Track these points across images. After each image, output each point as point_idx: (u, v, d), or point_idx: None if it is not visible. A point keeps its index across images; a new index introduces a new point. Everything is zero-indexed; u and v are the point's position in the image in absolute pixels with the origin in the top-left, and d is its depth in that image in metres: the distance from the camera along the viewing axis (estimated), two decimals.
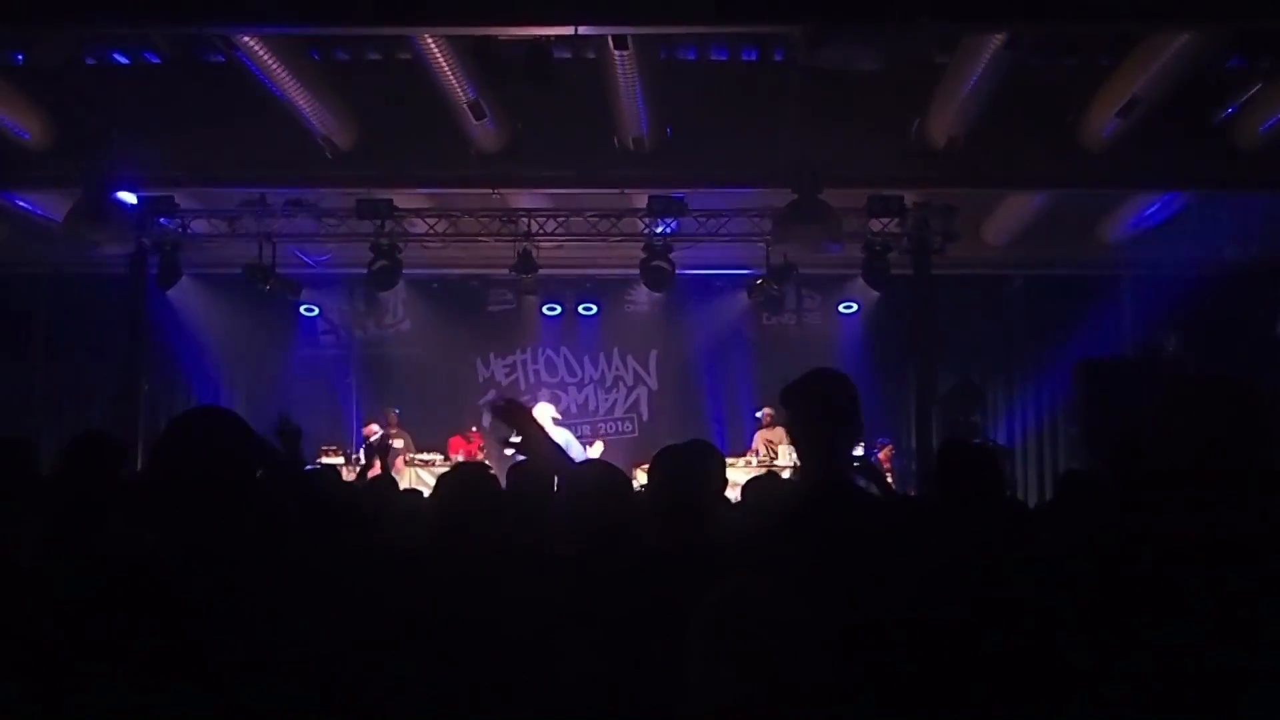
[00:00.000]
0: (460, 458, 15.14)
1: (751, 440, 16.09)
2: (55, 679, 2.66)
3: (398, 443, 15.28)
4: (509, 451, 4.24)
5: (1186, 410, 2.48)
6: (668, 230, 14.57)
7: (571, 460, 4.81)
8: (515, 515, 3.58)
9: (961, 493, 4.18)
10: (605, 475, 3.92)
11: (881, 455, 15.88)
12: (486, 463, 6.17)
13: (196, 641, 2.63)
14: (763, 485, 5.69)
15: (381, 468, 9.42)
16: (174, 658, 2.61)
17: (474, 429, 16.58)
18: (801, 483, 3.69)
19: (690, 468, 3.99)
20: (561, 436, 13.64)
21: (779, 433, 15.63)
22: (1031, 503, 13.18)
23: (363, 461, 14.98)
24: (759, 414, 16.12)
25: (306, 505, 4.82)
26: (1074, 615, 2.42)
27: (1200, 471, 2.39)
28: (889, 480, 15.00)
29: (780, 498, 4.91)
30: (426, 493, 7.56)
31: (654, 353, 18.38)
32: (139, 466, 12.45)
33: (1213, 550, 2.32)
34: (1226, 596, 2.24)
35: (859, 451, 13.58)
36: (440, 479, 3.77)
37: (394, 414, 16.47)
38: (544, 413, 14.00)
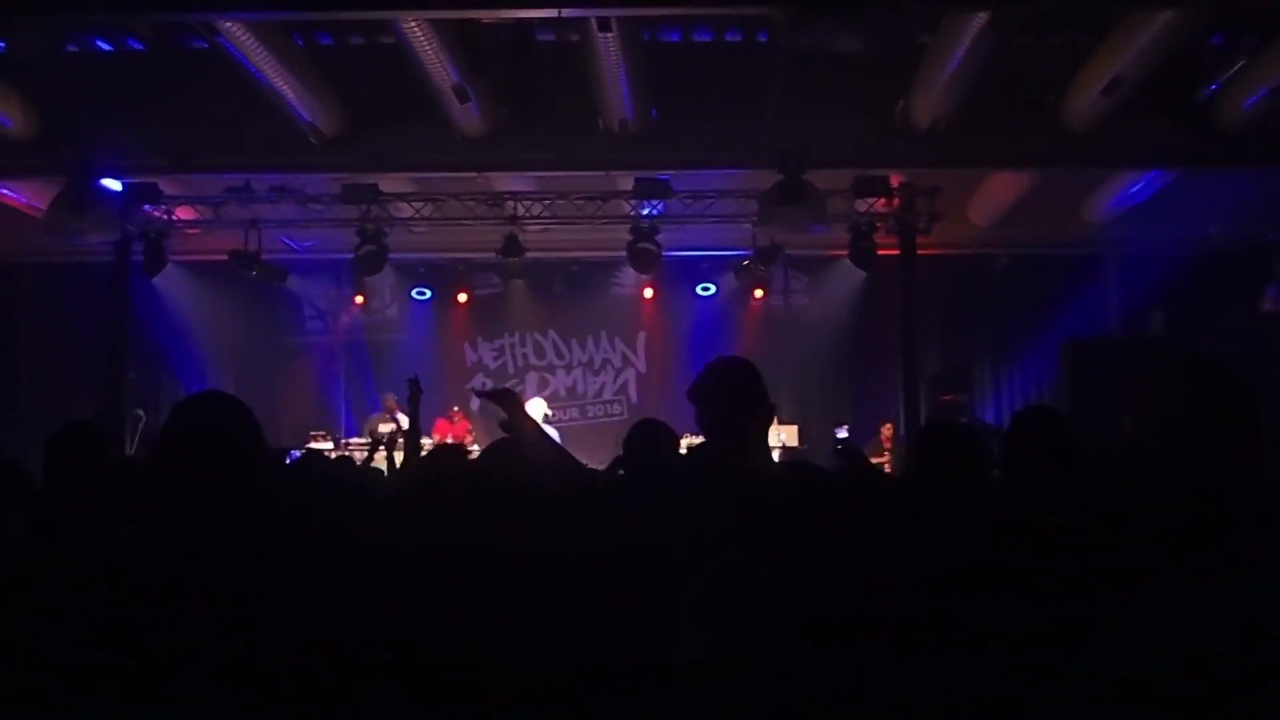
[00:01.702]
0: (449, 440, 15.12)
1: None
2: (50, 676, 2.66)
3: (388, 426, 15.27)
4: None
5: (1167, 392, 2.47)
6: (654, 212, 14.57)
7: (558, 446, 4.84)
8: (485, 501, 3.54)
9: (940, 472, 4.19)
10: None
11: (884, 434, 15.93)
12: (467, 446, 6.14)
13: (187, 636, 2.64)
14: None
15: (389, 459, 9.44)
16: (165, 652, 2.62)
17: (456, 409, 16.58)
18: (722, 474, 3.69)
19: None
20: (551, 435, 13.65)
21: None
22: None
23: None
24: None
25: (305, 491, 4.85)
26: (1047, 598, 2.43)
27: (1179, 453, 2.39)
28: (887, 459, 15.11)
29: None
30: None
31: (641, 335, 18.42)
32: (127, 454, 12.47)
33: (1188, 534, 2.32)
34: (1201, 580, 2.24)
35: (843, 434, 13.60)
36: (418, 461, 3.76)
37: (393, 399, 16.46)
38: (536, 409, 14.05)
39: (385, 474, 9.00)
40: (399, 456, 10.28)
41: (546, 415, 14.30)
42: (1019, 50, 11.86)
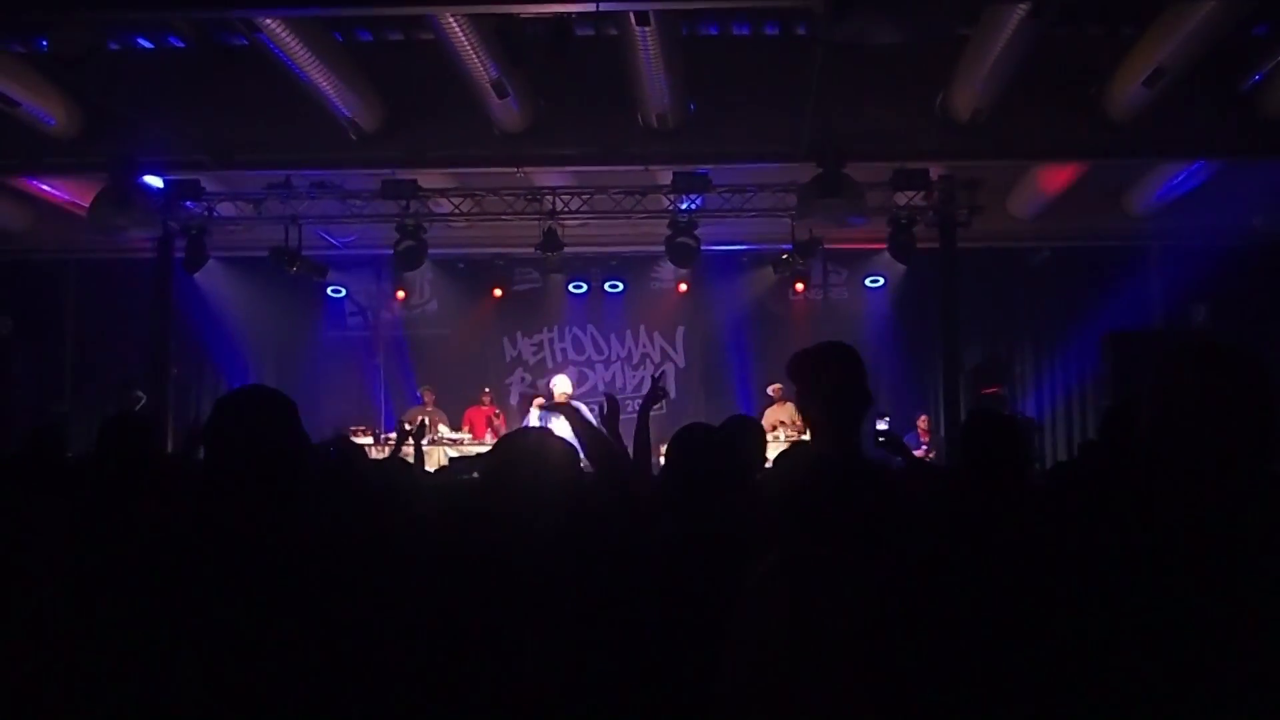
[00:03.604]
0: (489, 436, 15.19)
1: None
2: (84, 659, 2.68)
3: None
4: (534, 418, 4.22)
5: (1183, 379, 2.44)
6: (692, 206, 14.55)
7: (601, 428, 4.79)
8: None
9: (986, 463, 4.17)
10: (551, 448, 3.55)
11: (920, 425, 15.88)
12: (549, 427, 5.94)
13: (220, 620, 2.65)
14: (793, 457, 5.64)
15: (416, 451, 9.40)
16: (198, 636, 2.63)
17: (486, 390, 16.64)
18: (815, 459, 3.63)
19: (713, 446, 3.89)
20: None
21: (789, 409, 15.50)
22: None
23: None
24: (770, 390, 16.02)
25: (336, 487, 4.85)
26: (1073, 596, 2.40)
27: (1197, 443, 2.36)
28: (924, 451, 15.05)
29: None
30: None
31: (680, 329, 18.42)
32: (169, 449, 12.57)
33: (1207, 529, 2.30)
34: (1220, 577, 2.22)
35: (883, 425, 13.58)
36: (500, 441, 3.60)
37: (430, 393, 16.55)
38: (562, 385, 14.07)
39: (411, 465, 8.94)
40: (429, 450, 10.28)
41: (566, 394, 14.30)
42: (1060, 41, 11.79)
